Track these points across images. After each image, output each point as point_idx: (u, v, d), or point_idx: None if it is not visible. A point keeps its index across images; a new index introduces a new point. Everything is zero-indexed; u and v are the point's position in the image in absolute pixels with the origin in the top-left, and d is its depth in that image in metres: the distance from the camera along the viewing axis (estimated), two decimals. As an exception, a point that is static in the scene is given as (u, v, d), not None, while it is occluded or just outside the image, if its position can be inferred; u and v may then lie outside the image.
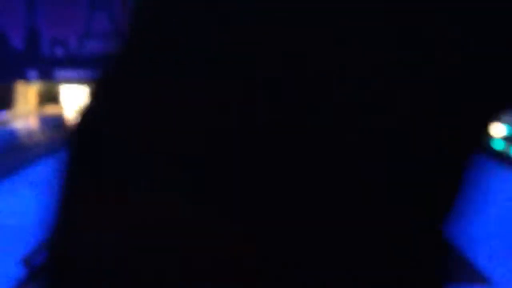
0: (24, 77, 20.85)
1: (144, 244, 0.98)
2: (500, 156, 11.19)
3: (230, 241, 0.93)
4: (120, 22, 14.20)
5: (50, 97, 21.76)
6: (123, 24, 1.43)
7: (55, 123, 19.35)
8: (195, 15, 1.03)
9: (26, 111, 20.79)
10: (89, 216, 0.99)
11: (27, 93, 21.00)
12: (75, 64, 21.08)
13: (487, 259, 6.84)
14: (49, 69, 20.88)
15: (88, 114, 1.07)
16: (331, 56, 0.93)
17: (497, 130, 12.85)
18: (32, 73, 20.84)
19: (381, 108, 0.93)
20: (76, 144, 1.06)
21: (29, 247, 6.05)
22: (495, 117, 1.08)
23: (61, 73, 20.86)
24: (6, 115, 20.60)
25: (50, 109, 21.21)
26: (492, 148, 10.36)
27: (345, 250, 0.93)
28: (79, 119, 1.15)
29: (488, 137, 1.40)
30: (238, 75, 0.93)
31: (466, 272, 6.56)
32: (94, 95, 1.14)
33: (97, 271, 0.98)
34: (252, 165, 0.92)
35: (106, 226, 1.00)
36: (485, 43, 0.97)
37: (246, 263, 0.92)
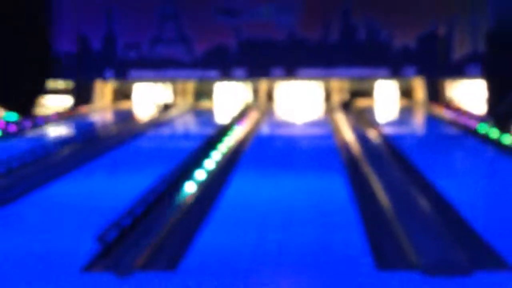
0: (101, 76, 21.38)
1: None
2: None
3: None
4: (185, 31, 14.53)
5: (123, 94, 22.19)
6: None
7: (127, 117, 19.46)
8: None
9: (102, 106, 21.17)
10: None
11: (103, 90, 21.47)
12: (146, 65, 21.55)
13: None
14: (123, 70, 21.34)
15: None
16: None
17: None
18: (109, 72, 21.45)
19: None
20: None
21: (103, 226, 6.87)
22: None
23: (133, 73, 21.37)
24: (86, 108, 20.72)
25: (123, 105, 21.75)
26: None
27: None
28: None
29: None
30: None
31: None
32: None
33: None
34: None
35: None
36: None
37: None
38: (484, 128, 13.80)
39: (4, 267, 5.60)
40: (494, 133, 13.32)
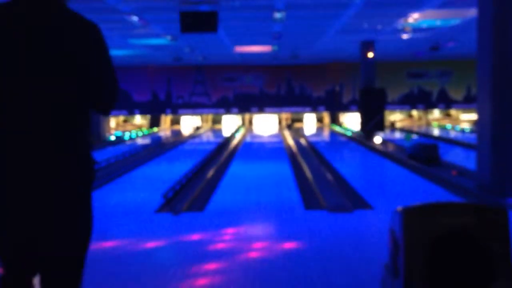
0: (164, 112, 21.44)
1: None
2: None
3: None
4: (209, 91, 17.90)
5: (176, 122, 21.34)
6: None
7: (178, 134, 18.42)
8: None
9: (165, 128, 21.20)
10: None
11: (165, 121, 21.75)
12: (187, 107, 21.36)
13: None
14: (175, 109, 21.24)
15: None
16: None
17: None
18: (168, 110, 21.35)
19: None
20: None
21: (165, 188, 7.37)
22: None
23: (181, 111, 21.25)
24: (158, 130, 20.81)
25: (176, 127, 21.05)
26: None
27: None
28: None
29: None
30: None
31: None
32: None
33: None
34: None
35: None
36: None
37: None
38: (364, 140, 14.17)
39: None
40: (363, 140, 14.52)
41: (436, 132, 16.70)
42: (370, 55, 14.26)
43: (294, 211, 5.49)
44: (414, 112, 22.10)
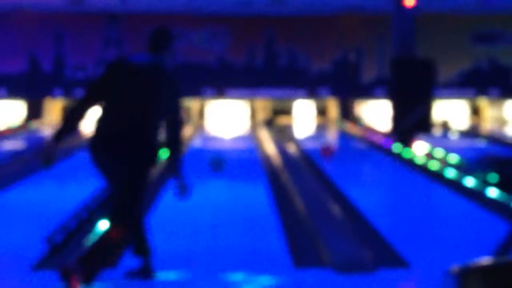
0: (51, 94, 21.10)
1: None
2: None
3: None
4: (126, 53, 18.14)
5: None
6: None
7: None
8: None
9: (52, 121, 20.80)
10: None
11: (53, 107, 21.43)
12: None
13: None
14: (71, 89, 20.91)
15: None
16: None
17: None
18: (58, 91, 21.04)
19: None
20: None
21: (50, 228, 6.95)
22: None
23: (80, 91, 20.95)
24: (36, 124, 20.82)
25: None
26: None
27: None
28: None
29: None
30: None
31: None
32: None
33: None
34: None
35: None
36: None
37: None
38: (397, 147, 14.25)
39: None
40: (396, 148, 13.92)
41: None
42: (410, 1, 14.04)
43: (276, 270, 5.50)
44: (483, 101, 22.03)
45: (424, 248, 6.25)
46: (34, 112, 21.32)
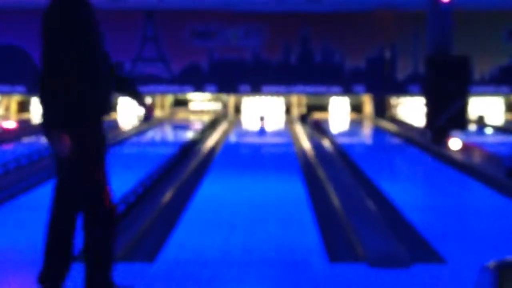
0: None
1: None
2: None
3: None
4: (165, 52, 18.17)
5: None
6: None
7: (112, 126, 18.13)
8: None
9: None
10: None
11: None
12: None
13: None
14: None
15: None
16: None
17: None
18: None
19: None
20: None
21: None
22: None
23: None
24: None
25: (112, 115, 20.20)
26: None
27: None
28: None
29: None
30: None
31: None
32: None
33: None
34: None
35: None
36: None
37: None
38: (433, 143, 14.29)
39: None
40: (432, 143, 13.97)
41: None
42: (446, -3, 16.62)
43: (311, 265, 5.48)
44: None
45: (460, 244, 6.22)
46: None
